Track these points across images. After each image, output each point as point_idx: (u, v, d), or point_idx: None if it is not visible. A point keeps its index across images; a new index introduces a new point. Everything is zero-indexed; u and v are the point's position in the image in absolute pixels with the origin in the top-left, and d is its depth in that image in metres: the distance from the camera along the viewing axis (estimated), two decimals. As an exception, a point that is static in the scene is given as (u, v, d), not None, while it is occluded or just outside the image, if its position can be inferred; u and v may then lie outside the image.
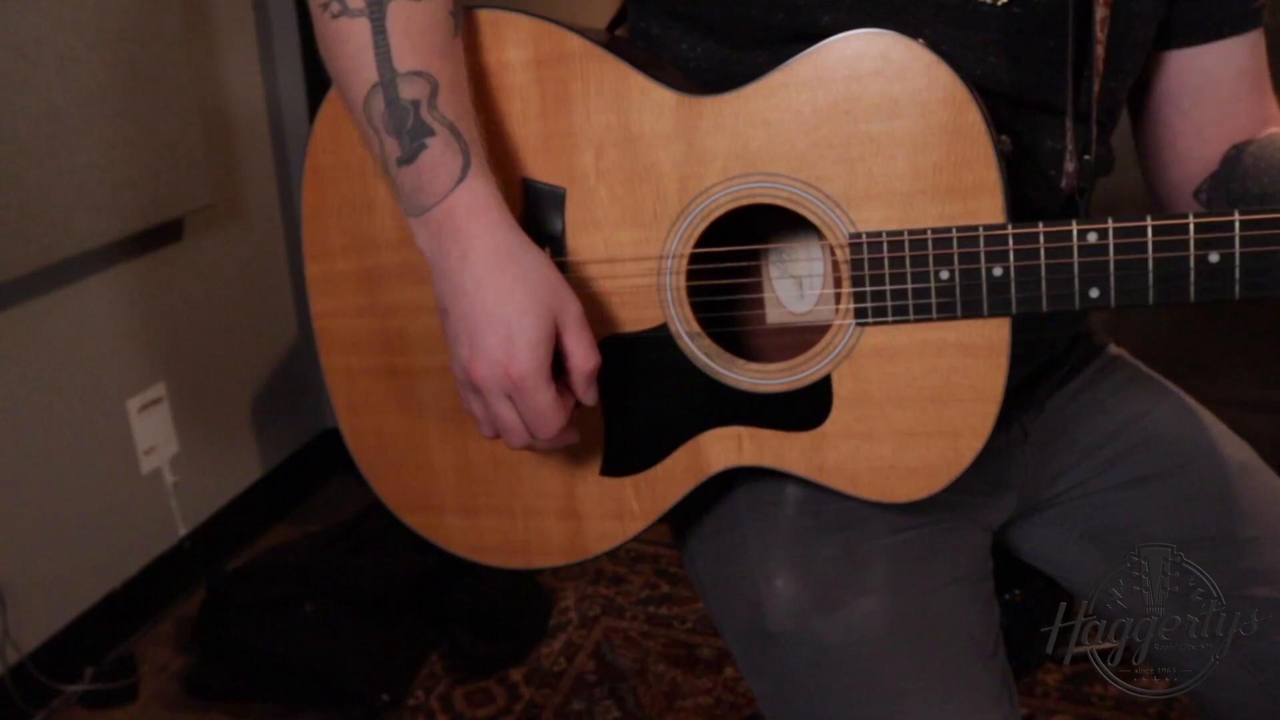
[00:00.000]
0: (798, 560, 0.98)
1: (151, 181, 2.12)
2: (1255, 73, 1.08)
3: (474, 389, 0.88)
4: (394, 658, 2.14)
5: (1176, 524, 1.07)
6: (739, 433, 0.95)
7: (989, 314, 0.85)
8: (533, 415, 0.86)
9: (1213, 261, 0.79)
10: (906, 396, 0.89)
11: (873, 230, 0.87)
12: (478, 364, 0.86)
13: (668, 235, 0.94)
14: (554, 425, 0.87)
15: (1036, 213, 0.94)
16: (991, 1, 0.92)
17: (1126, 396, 1.14)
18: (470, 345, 0.86)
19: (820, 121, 0.87)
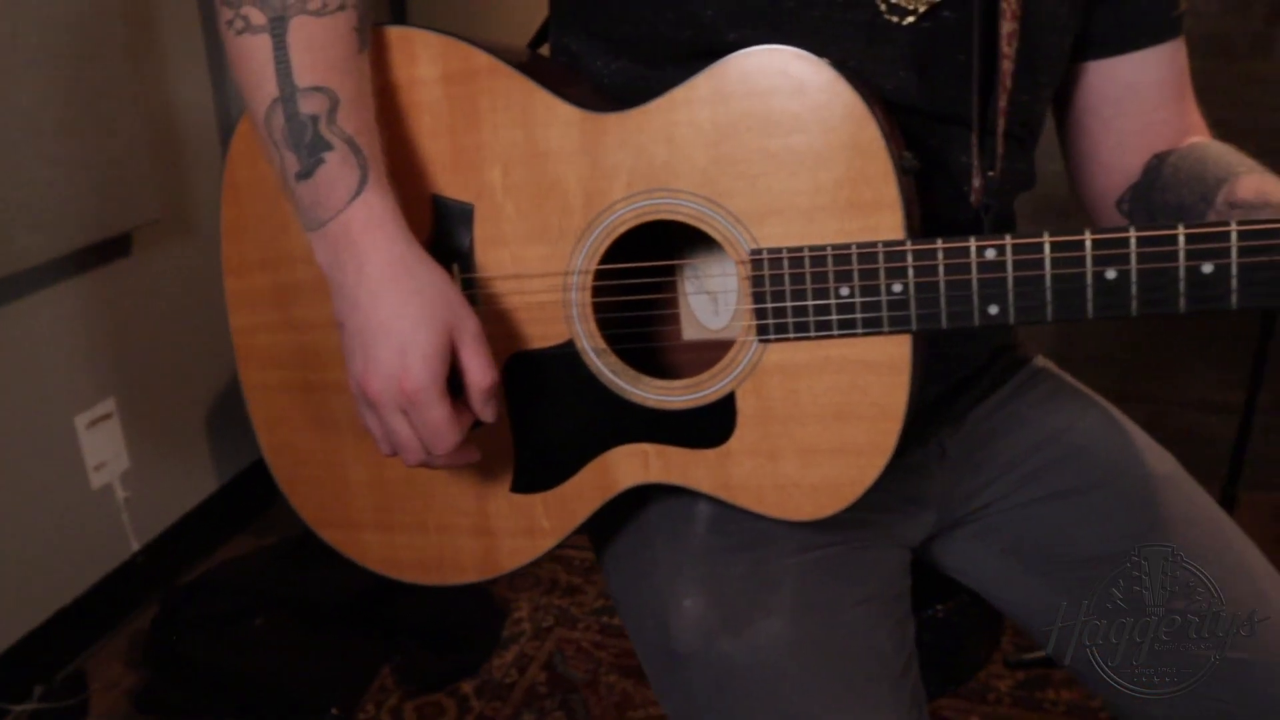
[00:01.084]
0: (706, 580, 0.97)
1: (98, 196, 2.10)
2: (1175, 82, 1.08)
3: (369, 404, 0.87)
4: (345, 671, 2.12)
5: (1098, 537, 1.07)
6: (646, 450, 0.94)
7: (889, 331, 0.84)
8: (427, 431, 0.85)
9: (1110, 278, 0.79)
10: (810, 414, 0.88)
11: (774, 246, 0.86)
12: (371, 378, 0.85)
13: (573, 251, 0.93)
14: (449, 441, 0.86)
15: (950, 228, 0.94)
16: (901, 19, 0.91)
17: (1049, 409, 1.13)
18: (364, 360, 0.85)
19: (722, 137, 0.86)
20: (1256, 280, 0.76)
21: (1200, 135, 1.09)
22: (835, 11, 0.90)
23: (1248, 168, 0.97)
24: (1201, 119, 1.11)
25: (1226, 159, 0.99)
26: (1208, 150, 1.02)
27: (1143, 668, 1.04)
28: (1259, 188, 0.92)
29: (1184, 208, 0.99)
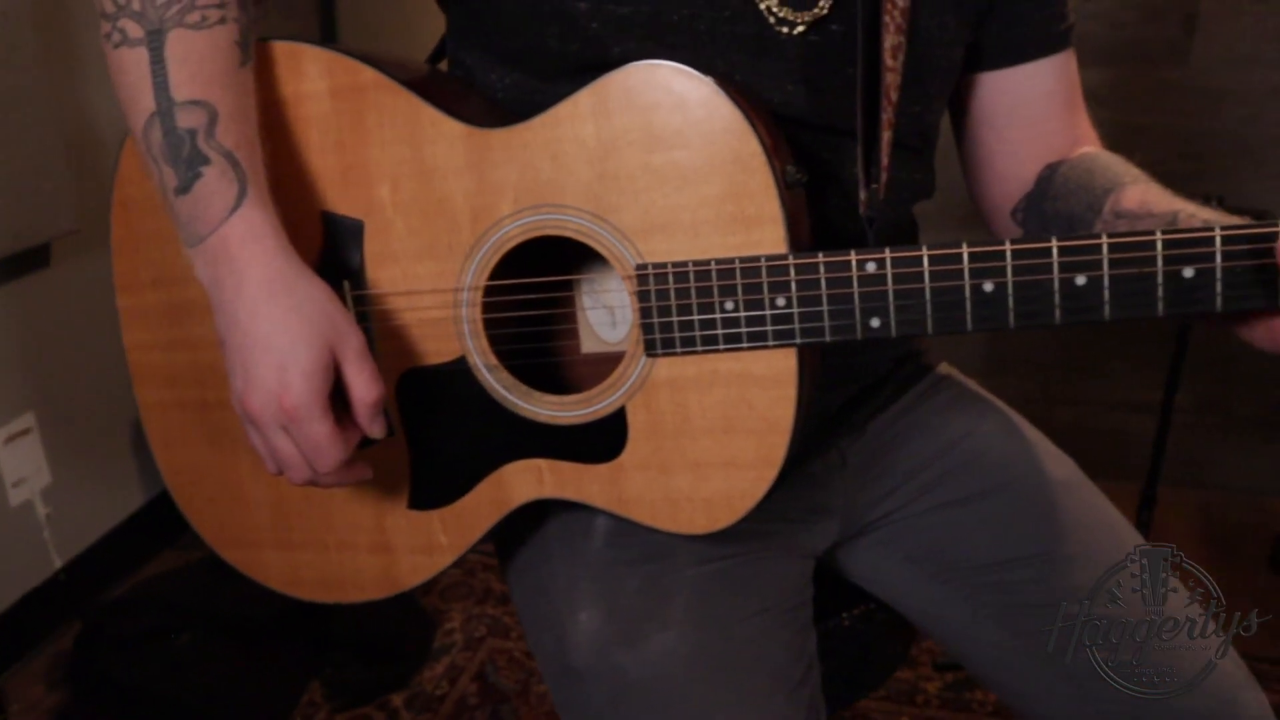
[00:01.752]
0: (602, 594, 0.97)
1: (14, 207, 2.06)
2: (1065, 93, 1.09)
3: (250, 422, 0.86)
4: (272, 687, 2.10)
5: (998, 543, 1.08)
6: (540, 465, 0.94)
7: (774, 344, 0.85)
8: (310, 448, 0.84)
9: (987, 290, 0.79)
10: (699, 428, 0.88)
11: (659, 261, 0.86)
12: (251, 395, 0.84)
13: (463, 267, 0.92)
14: (333, 458, 0.85)
15: (844, 239, 0.94)
16: (789, 31, 0.92)
17: (950, 417, 1.14)
18: (244, 377, 0.84)
19: (605, 153, 0.86)
20: (1127, 291, 0.77)
21: (1092, 145, 1.10)
22: (721, 25, 0.90)
23: (1133, 178, 0.98)
24: (1093, 129, 1.12)
25: (1114, 169, 1.00)
26: (1096, 161, 1.03)
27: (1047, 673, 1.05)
28: (1142, 198, 0.94)
29: (1073, 217, 1.00)
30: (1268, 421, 2.58)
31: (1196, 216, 0.88)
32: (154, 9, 0.85)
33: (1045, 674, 1.05)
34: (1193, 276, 0.76)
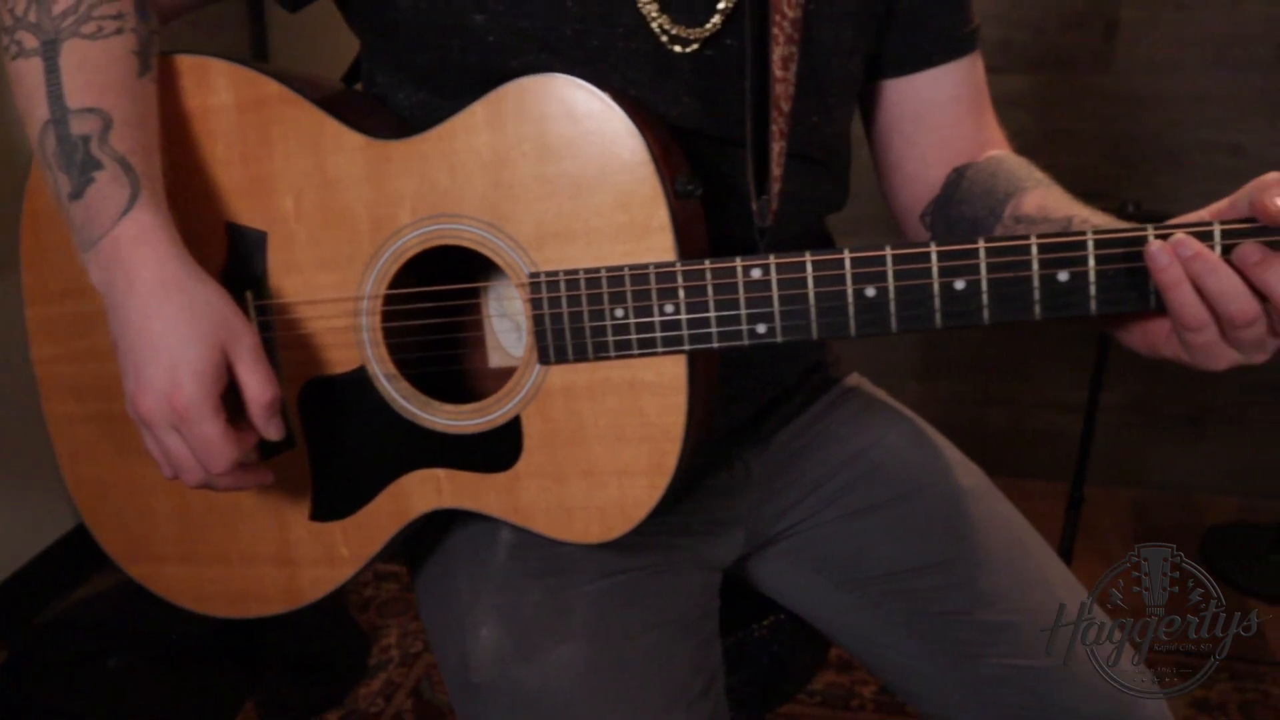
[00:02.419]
0: (503, 608, 0.97)
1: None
2: (971, 97, 1.10)
3: (142, 423, 0.85)
4: (206, 709, 2.07)
5: (903, 551, 1.09)
6: (438, 475, 0.94)
7: (664, 351, 0.85)
8: (201, 447, 0.84)
9: (869, 295, 0.81)
10: (593, 436, 0.89)
11: (551, 270, 0.87)
12: (142, 396, 0.83)
13: (362, 277, 0.92)
14: (225, 458, 0.84)
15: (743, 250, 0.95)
16: (682, 48, 0.93)
17: (857, 427, 1.15)
18: (135, 378, 0.84)
19: (500, 164, 0.87)
20: (1004, 295, 0.79)
21: (999, 148, 1.11)
22: (616, 41, 0.91)
23: (1034, 182, 0.99)
24: (1000, 132, 1.13)
25: (1017, 174, 1.01)
26: (1001, 164, 1.04)
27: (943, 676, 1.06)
28: (1040, 202, 0.95)
29: (976, 221, 1.01)
30: (1195, 419, 2.62)
31: (1089, 221, 0.89)
32: (49, 20, 0.86)
33: (951, 681, 1.06)
34: (1067, 280, 0.78)
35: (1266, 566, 2.35)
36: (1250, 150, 2.33)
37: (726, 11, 0.93)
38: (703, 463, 1.06)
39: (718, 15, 0.93)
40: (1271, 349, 0.79)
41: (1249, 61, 2.29)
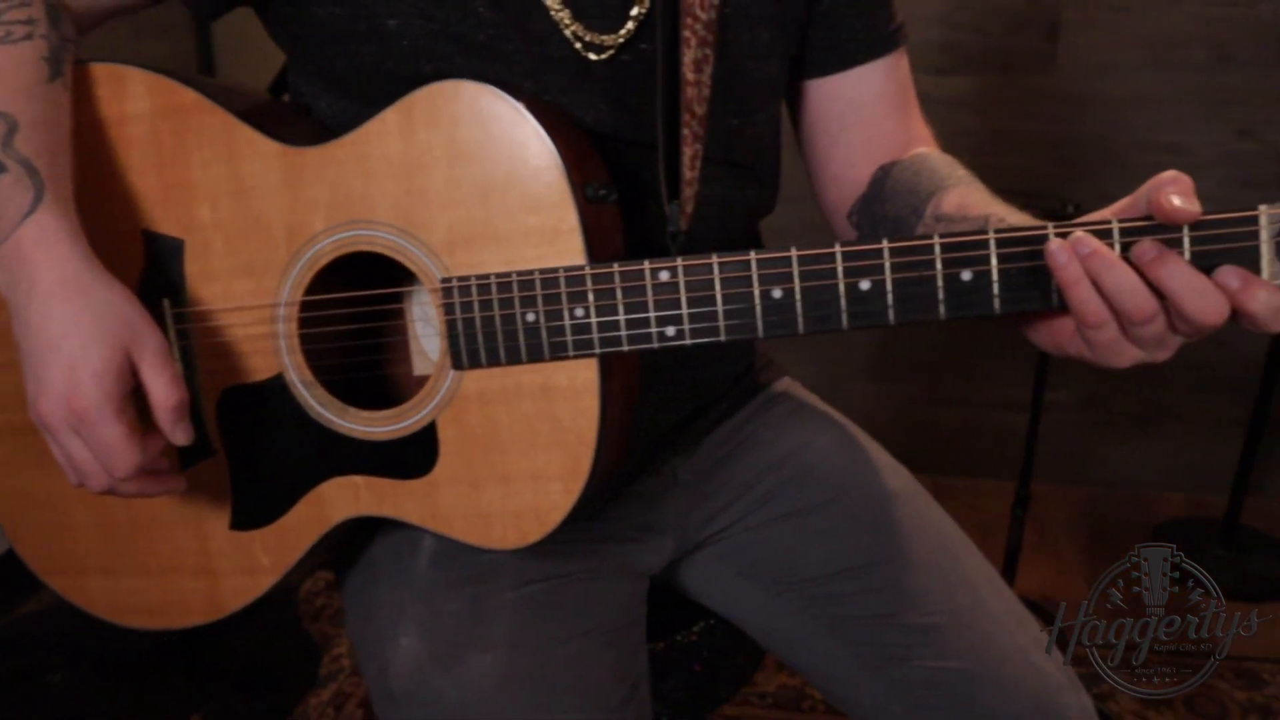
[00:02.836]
0: (424, 617, 0.97)
1: None
2: (896, 95, 1.10)
3: (43, 427, 0.84)
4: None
5: (829, 555, 1.09)
6: (356, 482, 0.94)
7: (575, 355, 0.85)
8: (103, 451, 0.83)
9: (776, 297, 0.81)
10: (508, 441, 0.89)
11: (463, 275, 0.86)
12: (42, 398, 0.83)
13: (279, 284, 0.92)
14: (127, 462, 0.83)
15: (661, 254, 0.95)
16: (597, 55, 0.93)
17: (785, 431, 1.15)
18: (35, 380, 0.83)
19: (412, 169, 0.87)
20: (908, 295, 0.79)
21: (926, 146, 1.11)
22: (530, 47, 0.91)
23: (957, 180, 1.00)
24: (927, 129, 1.13)
25: (939, 172, 1.02)
26: (924, 162, 1.04)
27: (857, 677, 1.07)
28: (961, 201, 0.96)
29: (899, 220, 1.01)
30: (1144, 416, 2.65)
31: (1005, 220, 0.90)
32: None
33: (877, 684, 1.06)
34: (971, 280, 0.79)
35: (1213, 561, 2.38)
36: (1189, 149, 2.36)
37: (639, 18, 0.93)
38: (630, 468, 1.06)
39: (631, 22, 0.93)
40: (1174, 346, 0.80)
41: (1186, 63, 2.32)
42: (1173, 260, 0.74)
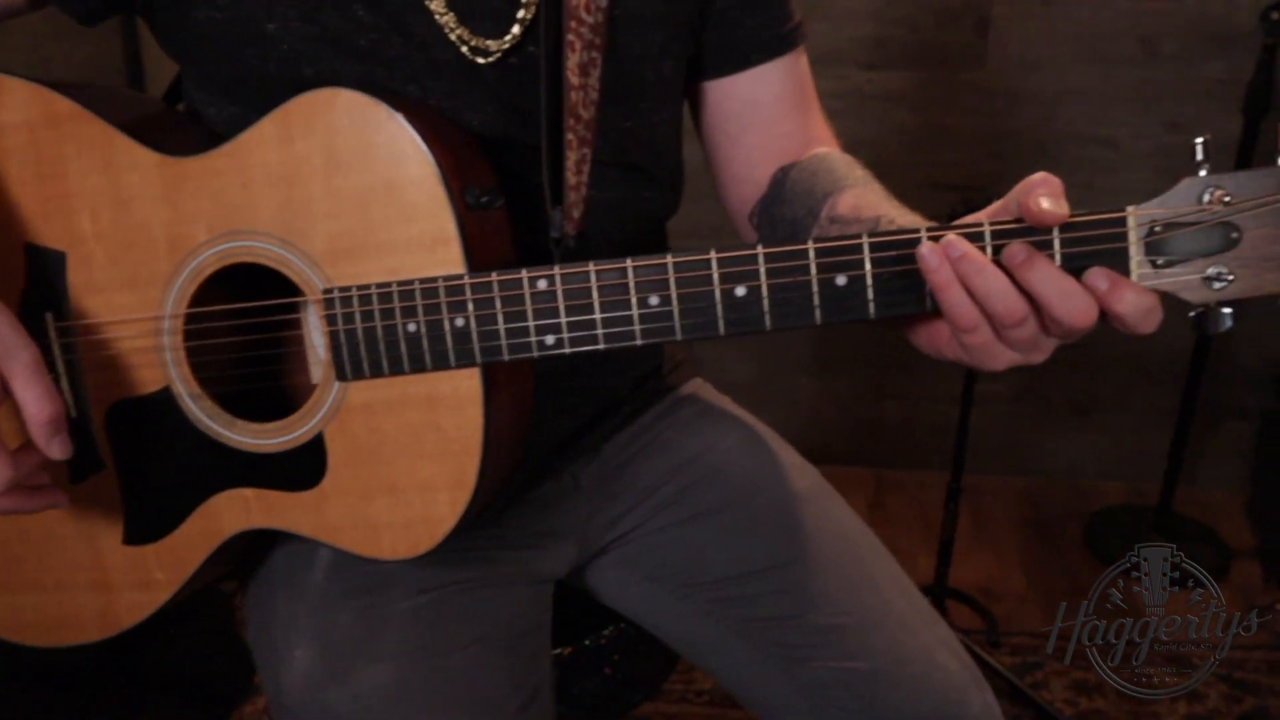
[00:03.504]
0: (317, 629, 0.96)
1: None
2: (794, 95, 1.10)
3: None
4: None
5: (735, 557, 1.09)
6: (247, 495, 0.93)
7: (456, 365, 0.85)
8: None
9: (653, 304, 0.81)
10: (394, 452, 0.89)
11: (345, 285, 0.86)
12: None
13: (162, 296, 0.91)
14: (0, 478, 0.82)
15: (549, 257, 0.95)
16: (483, 58, 0.92)
17: (691, 433, 1.15)
18: None
19: (290, 179, 0.86)
20: (784, 300, 0.79)
21: (826, 145, 1.11)
22: (413, 51, 0.91)
23: (853, 180, 0.99)
24: (828, 130, 1.13)
25: (836, 173, 1.01)
26: (822, 163, 1.04)
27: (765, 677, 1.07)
28: (855, 202, 0.96)
29: (796, 222, 1.01)
30: (1081, 406, 2.67)
31: (895, 221, 0.90)
32: None
33: (783, 684, 1.07)
34: (845, 284, 0.79)
35: (1147, 549, 2.40)
36: (1121, 142, 2.38)
37: (525, 21, 0.92)
38: (528, 474, 1.06)
39: (516, 25, 0.92)
40: (1049, 348, 0.80)
41: (1116, 56, 2.33)
42: (1041, 263, 0.75)
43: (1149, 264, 0.76)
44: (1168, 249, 0.77)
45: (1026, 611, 2.29)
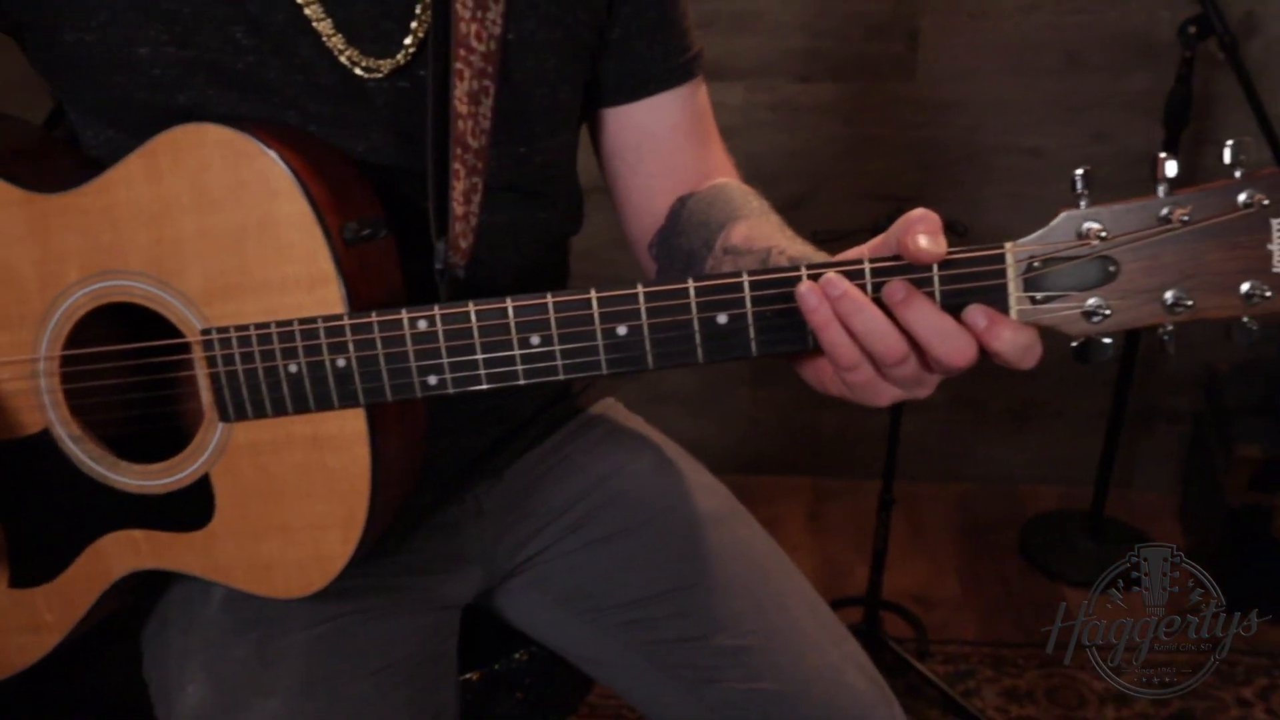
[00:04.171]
0: (211, 663, 0.95)
1: None
2: (690, 126, 1.10)
3: None
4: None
5: (642, 579, 1.09)
6: (135, 536, 0.91)
7: (340, 405, 0.84)
8: None
9: (534, 344, 0.80)
10: (282, 491, 0.87)
11: (223, 325, 0.84)
12: None
13: (36, 337, 0.89)
14: None
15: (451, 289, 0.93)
16: (374, 78, 0.91)
17: (599, 455, 1.15)
18: None
19: (161, 218, 0.84)
20: (666, 339, 0.79)
21: (725, 175, 1.11)
22: (294, 75, 0.89)
23: (749, 211, 0.99)
24: (728, 160, 1.13)
25: (733, 204, 1.01)
26: (719, 194, 1.04)
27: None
28: (748, 234, 0.95)
29: (692, 253, 1.01)
30: (1017, 412, 2.69)
31: (785, 254, 0.90)
32: None
33: (690, 706, 1.07)
34: (727, 323, 0.78)
35: (1078, 554, 2.43)
36: (1048, 152, 2.40)
37: (415, 44, 0.91)
38: (430, 499, 1.05)
39: (407, 46, 0.91)
40: (933, 383, 0.81)
41: (1041, 68, 2.35)
42: (919, 302, 0.75)
43: (1028, 299, 0.77)
44: (1046, 284, 0.77)
45: (961, 619, 2.31)
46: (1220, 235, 0.75)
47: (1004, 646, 2.21)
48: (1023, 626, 2.28)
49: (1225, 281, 0.76)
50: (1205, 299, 0.76)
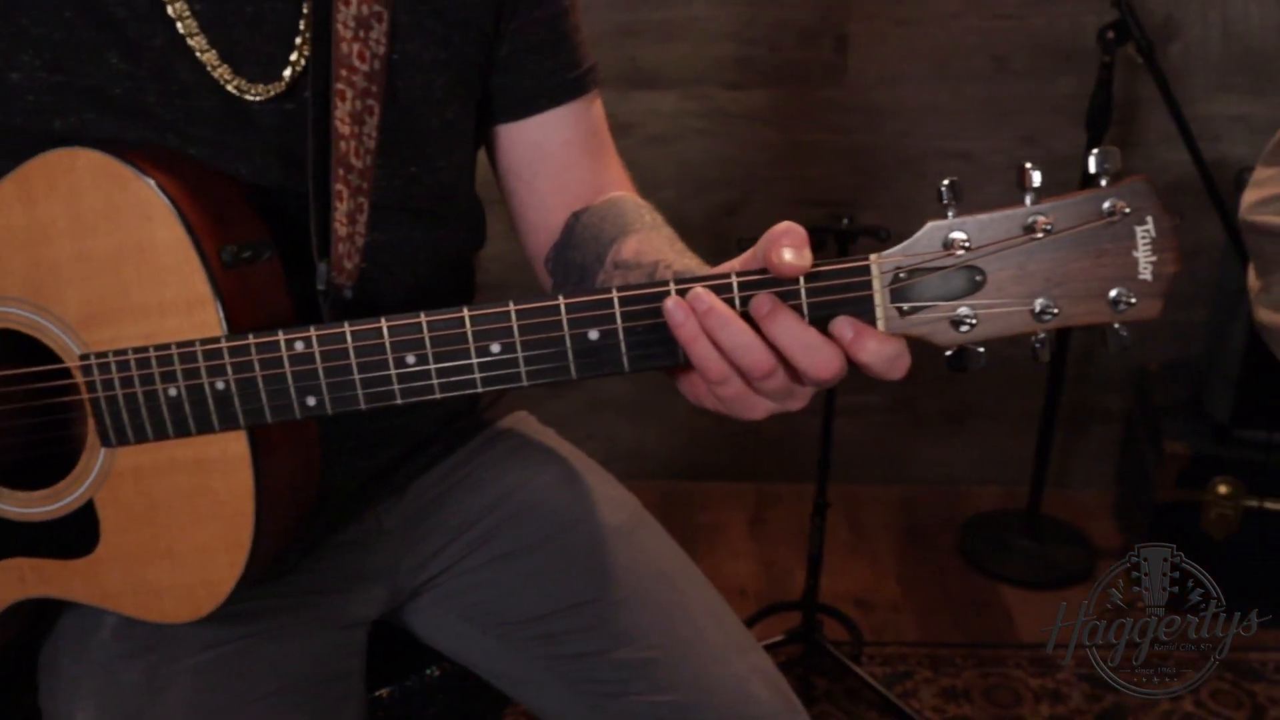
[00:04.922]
0: (100, 691, 0.94)
1: None
2: (585, 140, 1.10)
3: None
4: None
5: (547, 594, 1.09)
6: (21, 564, 0.91)
7: (221, 428, 0.84)
8: None
9: (410, 363, 0.81)
10: (167, 516, 0.87)
11: (102, 350, 0.84)
12: None
13: (-84, 365, 0.89)
14: None
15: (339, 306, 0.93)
16: (257, 101, 0.91)
17: (504, 469, 1.15)
18: None
19: (37, 242, 0.84)
20: (539, 356, 0.79)
21: (620, 189, 1.11)
22: (175, 99, 0.89)
23: (641, 225, 1.00)
24: (624, 174, 1.14)
25: (625, 218, 1.02)
26: (612, 208, 1.05)
27: None
28: (637, 248, 0.96)
29: (584, 267, 1.01)
30: (954, 414, 2.72)
31: (671, 268, 0.90)
32: None
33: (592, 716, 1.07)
34: (598, 339, 0.79)
35: (1015, 553, 2.46)
36: (977, 156, 2.43)
37: (297, 67, 0.91)
38: (330, 518, 1.05)
39: (289, 69, 0.91)
40: (805, 396, 0.81)
41: (968, 73, 2.38)
42: (784, 316, 0.75)
43: (895, 310, 0.78)
44: (913, 294, 0.78)
45: (900, 621, 2.33)
46: (1086, 243, 0.76)
47: (942, 646, 2.23)
48: (961, 626, 2.30)
49: (1092, 289, 0.77)
50: (1073, 306, 0.78)
